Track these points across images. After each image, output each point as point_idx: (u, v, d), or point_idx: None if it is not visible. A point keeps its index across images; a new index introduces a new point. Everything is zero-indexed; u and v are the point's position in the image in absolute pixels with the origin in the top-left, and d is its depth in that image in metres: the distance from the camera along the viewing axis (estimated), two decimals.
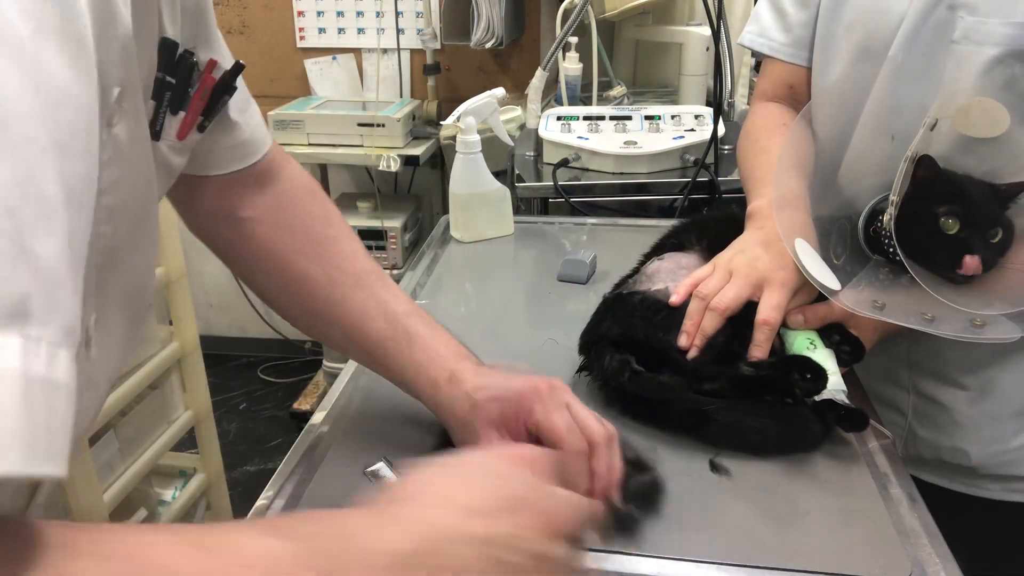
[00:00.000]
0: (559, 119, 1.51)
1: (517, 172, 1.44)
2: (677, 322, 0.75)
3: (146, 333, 1.44)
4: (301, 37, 2.47)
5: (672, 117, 1.49)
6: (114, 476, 1.37)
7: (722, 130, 1.39)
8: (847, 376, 0.72)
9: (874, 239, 0.79)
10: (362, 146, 2.18)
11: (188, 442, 1.66)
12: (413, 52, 2.44)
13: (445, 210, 1.20)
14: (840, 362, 0.72)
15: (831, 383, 0.68)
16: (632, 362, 0.73)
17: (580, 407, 0.60)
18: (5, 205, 0.27)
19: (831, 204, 0.83)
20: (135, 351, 1.38)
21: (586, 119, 1.50)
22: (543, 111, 1.59)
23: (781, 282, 0.74)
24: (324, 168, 2.43)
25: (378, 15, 2.41)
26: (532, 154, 1.53)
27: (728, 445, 0.68)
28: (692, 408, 0.69)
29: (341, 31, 2.45)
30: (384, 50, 2.44)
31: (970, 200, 0.72)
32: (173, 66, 0.49)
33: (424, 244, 1.19)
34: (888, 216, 0.74)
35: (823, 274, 0.74)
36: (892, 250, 0.74)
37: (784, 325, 0.74)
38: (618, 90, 1.75)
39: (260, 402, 2.72)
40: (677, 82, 1.79)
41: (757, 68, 1.66)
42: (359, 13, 2.42)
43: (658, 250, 0.89)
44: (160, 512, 1.55)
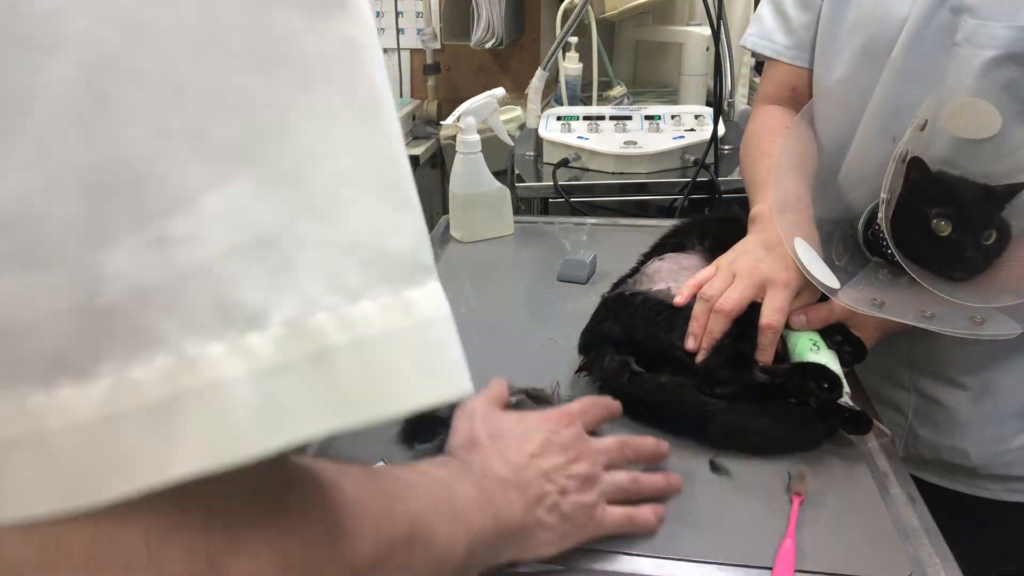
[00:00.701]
0: (559, 119, 1.51)
1: (517, 172, 1.44)
2: (679, 323, 0.75)
3: None
4: None
5: (672, 117, 1.49)
6: None
7: (722, 130, 1.39)
8: (848, 376, 0.72)
9: (873, 241, 0.79)
10: None
11: None
12: (413, 52, 2.44)
13: (445, 210, 1.20)
14: (842, 363, 0.72)
15: None
16: (632, 363, 0.73)
17: None
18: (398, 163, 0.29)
19: (833, 206, 0.83)
20: None
21: (586, 119, 1.50)
22: (543, 111, 1.59)
23: (784, 283, 0.74)
24: None
25: (378, 15, 2.41)
26: (532, 154, 1.53)
27: (728, 445, 0.68)
28: (692, 409, 0.69)
29: None
30: (384, 50, 2.44)
31: (962, 202, 0.72)
32: None
33: None
34: (881, 216, 0.74)
35: (823, 273, 0.74)
36: (889, 252, 0.74)
37: (786, 326, 0.74)
38: (618, 90, 1.75)
39: None
40: (677, 82, 1.79)
41: (757, 68, 1.67)
42: None
43: (658, 250, 0.89)
44: None
